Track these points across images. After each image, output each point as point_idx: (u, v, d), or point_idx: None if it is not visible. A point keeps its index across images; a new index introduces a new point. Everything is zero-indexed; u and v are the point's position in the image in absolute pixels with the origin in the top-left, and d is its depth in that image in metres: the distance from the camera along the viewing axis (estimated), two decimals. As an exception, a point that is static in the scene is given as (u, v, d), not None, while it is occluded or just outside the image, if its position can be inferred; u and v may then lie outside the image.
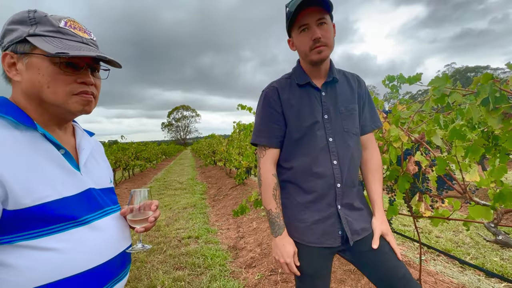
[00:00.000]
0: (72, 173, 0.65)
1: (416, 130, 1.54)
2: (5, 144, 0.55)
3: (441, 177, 1.27)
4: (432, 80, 1.20)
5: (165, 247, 3.05)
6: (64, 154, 0.65)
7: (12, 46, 0.61)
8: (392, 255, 0.98)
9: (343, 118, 1.02)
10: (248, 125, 4.29)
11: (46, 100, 0.62)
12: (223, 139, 8.83)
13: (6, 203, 0.52)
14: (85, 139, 0.76)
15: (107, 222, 0.69)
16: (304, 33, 0.95)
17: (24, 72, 0.61)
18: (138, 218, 0.74)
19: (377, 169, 1.09)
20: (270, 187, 1.01)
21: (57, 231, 0.57)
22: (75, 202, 0.62)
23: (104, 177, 0.79)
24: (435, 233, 3.00)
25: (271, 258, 2.48)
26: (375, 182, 1.08)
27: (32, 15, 0.62)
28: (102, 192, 0.73)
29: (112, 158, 7.16)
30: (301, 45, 0.97)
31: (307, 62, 1.01)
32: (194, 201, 5.44)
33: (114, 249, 0.68)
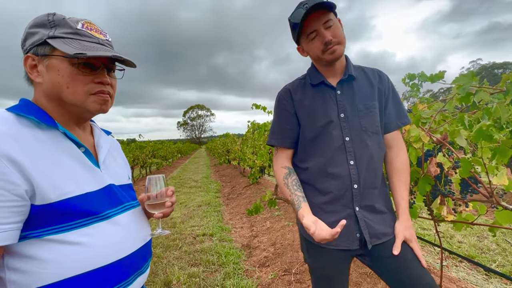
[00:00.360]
0: (93, 169, 0.67)
1: (438, 130, 1.48)
2: (30, 142, 0.57)
3: (465, 180, 1.21)
4: (457, 78, 1.14)
5: (180, 243, 3.12)
6: (84, 151, 0.67)
7: (33, 49, 0.63)
8: (416, 263, 0.93)
9: (361, 116, 0.98)
10: (263, 125, 4.28)
11: (66, 100, 0.64)
12: (237, 138, 8.88)
13: (34, 198, 0.55)
14: (103, 138, 0.78)
15: (128, 216, 0.71)
16: (314, 40, 0.94)
17: (44, 73, 0.63)
18: (156, 202, 0.77)
19: (402, 170, 1.03)
20: (281, 178, 1.03)
21: (81, 225, 0.59)
22: (96, 197, 0.64)
23: (122, 174, 0.81)
24: (457, 238, 2.87)
25: (284, 258, 2.48)
26: (400, 184, 1.01)
27: (52, 18, 0.64)
28: (121, 188, 0.75)
29: (130, 156, 7.41)
30: (313, 51, 0.97)
31: (322, 63, 1.00)
32: (208, 199, 5.52)
33: (136, 243, 0.71)
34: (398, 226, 0.98)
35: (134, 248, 0.69)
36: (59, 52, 0.62)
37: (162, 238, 3.30)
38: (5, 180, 0.51)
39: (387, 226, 0.98)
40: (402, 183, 1.02)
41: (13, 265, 0.54)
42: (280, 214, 3.82)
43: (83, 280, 0.58)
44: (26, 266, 0.54)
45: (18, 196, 0.53)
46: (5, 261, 0.54)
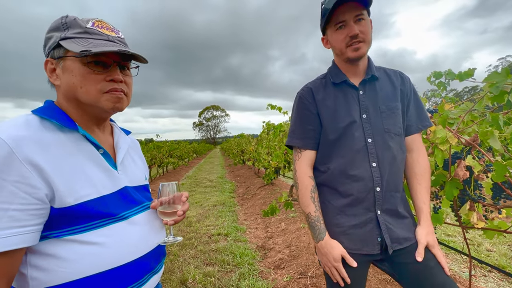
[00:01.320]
0: (110, 172, 0.68)
1: (466, 131, 1.39)
2: (51, 146, 0.58)
3: (498, 185, 1.13)
4: (489, 75, 1.07)
5: (196, 242, 3.15)
6: (102, 153, 0.68)
7: (51, 53, 0.65)
8: (439, 270, 0.88)
9: (384, 117, 0.95)
10: (278, 125, 4.25)
11: (82, 101, 0.65)
12: (252, 139, 8.90)
13: (53, 201, 0.56)
14: (122, 138, 0.79)
15: (143, 217, 0.72)
16: (341, 30, 0.91)
17: (61, 75, 0.64)
18: (168, 210, 0.76)
19: (423, 174, 0.99)
20: (308, 189, 0.97)
21: (98, 226, 0.61)
22: (112, 200, 0.65)
23: (139, 175, 0.81)
24: (486, 246, 2.70)
25: (300, 261, 2.44)
26: (420, 188, 0.98)
27: (64, 21, 0.65)
28: (136, 190, 0.76)
29: (148, 156, 7.62)
30: (337, 42, 0.93)
31: (343, 60, 0.97)
32: (223, 199, 5.56)
33: (150, 243, 0.71)
34: (420, 231, 0.94)
35: (149, 249, 0.70)
36: (71, 53, 0.62)
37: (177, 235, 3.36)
38: (27, 184, 0.52)
39: (408, 231, 0.95)
40: (423, 188, 0.98)
41: (35, 262, 0.56)
42: (296, 216, 3.77)
43: (99, 280, 0.59)
44: (47, 264, 0.56)
45: (38, 200, 0.54)
46: (28, 258, 0.56)
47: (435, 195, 1.37)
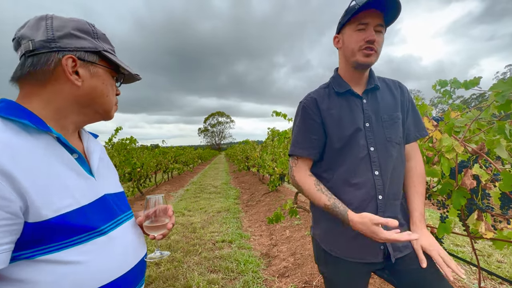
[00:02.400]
0: (87, 179, 0.62)
1: (473, 140, 1.38)
2: (22, 152, 0.51)
3: (507, 194, 1.12)
4: (495, 84, 1.07)
5: (200, 249, 3.15)
6: (77, 158, 0.62)
7: (80, 53, 0.62)
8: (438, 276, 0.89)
9: (386, 126, 0.97)
10: (283, 132, 4.27)
11: (101, 107, 0.68)
12: (256, 145, 8.91)
13: (27, 215, 0.49)
14: (92, 142, 0.74)
15: (125, 230, 0.67)
16: (360, 33, 0.91)
17: (88, 79, 0.64)
18: (156, 224, 0.73)
19: (420, 182, 1.02)
20: (312, 185, 0.97)
21: (78, 242, 0.55)
22: (92, 210, 0.60)
23: (115, 181, 0.76)
24: (496, 257, 2.63)
25: (305, 269, 2.41)
26: (417, 195, 1.00)
27: (94, 30, 0.66)
28: (116, 198, 0.71)
29: (154, 161, 7.68)
30: (352, 42, 0.93)
31: (351, 63, 0.97)
32: (228, 205, 5.55)
33: (134, 258, 0.67)
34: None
35: (134, 263, 0.66)
36: (104, 63, 0.67)
37: (182, 242, 3.36)
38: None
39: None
40: (420, 194, 1.01)
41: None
42: (300, 223, 3.74)
43: None
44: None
45: (11, 214, 0.47)
46: None
47: (442, 204, 1.36)
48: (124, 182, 5.81)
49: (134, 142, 6.17)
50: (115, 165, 5.17)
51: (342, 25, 0.97)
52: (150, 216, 0.74)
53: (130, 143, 6.08)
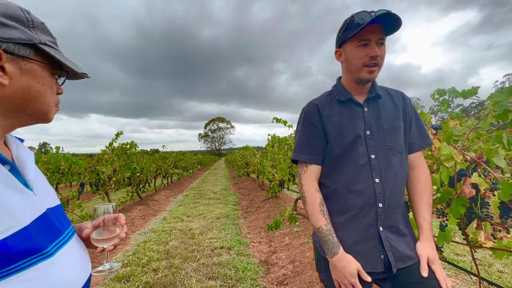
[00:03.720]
0: (26, 194, 0.53)
1: (472, 148, 1.39)
2: None
3: (506, 203, 1.12)
4: (492, 94, 1.08)
5: (198, 255, 3.12)
6: (10, 170, 0.53)
7: (7, 45, 0.51)
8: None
9: (387, 134, 0.98)
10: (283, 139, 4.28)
11: (36, 109, 0.57)
12: (256, 151, 8.92)
13: None
14: (22, 149, 0.62)
15: (71, 248, 0.60)
16: (362, 48, 0.92)
17: (17, 76, 0.53)
18: (105, 236, 0.68)
19: (424, 191, 1.01)
20: (316, 203, 0.97)
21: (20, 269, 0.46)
22: (35, 230, 0.51)
23: (53, 193, 0.66)
24: (497, 266, 2.60)
25: (304, 277, 2.38)
26: (421, 204, 0.99)
27: (30, 18, 0.55)
28: (57, 212, 0.62)
29: (154, 166, 7.68)
30: (355, 59, 0.94)
31: (353, 78, 0.99)
32: (227, 211, 5.52)
33: (82, 277, 0.60)
34: (420, 245, 0.95)
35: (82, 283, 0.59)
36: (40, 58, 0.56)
37: (181, 248, 3.34)
38: None
39: (410, 249, 0.94)
40: (424, 204, 1.00)
41: None
42: (300, 230, 3.72)
43: None
44: None
45: None
46: None
47: (441, 212, 1.36)
48: (124, 186, 5.79)
49: (134, 146, 6.18)
50: (115, 169, 5.17)
51: (342, 40, 0.97)
52: (99, 227, 0.68)
53: (130, 148, 6.09)
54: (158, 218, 5.16)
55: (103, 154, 5.07)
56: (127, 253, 3.23)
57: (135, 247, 3.44)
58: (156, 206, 6.14)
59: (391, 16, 0.86)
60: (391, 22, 0.89)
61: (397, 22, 0.89)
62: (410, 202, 1.05)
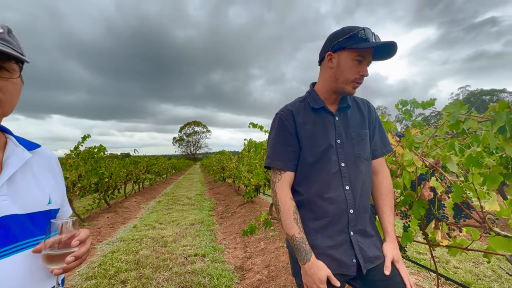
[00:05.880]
0: None
1: (431, 154, 1.52)
2: None
3: (458, 205, 1.23)
4: (446, 106, 1.20)
5: (171, 264, 3.01)
6: None
7: None
8: (403, 286, 0.94)
9: (355, 143, 1.03)
10: (259, 143, 4.32)
11: None
12: (233, 156, 8.88)
13: None
14: (17, 153, 0.63)
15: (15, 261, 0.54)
16: (356, 63, 0.94)
17: None
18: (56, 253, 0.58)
19: (387, 194, 1.08)
20: (290, 211, 0.96)
21: None
22: None
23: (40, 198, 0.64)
24: (453, 263, 2.84)
25: (279, 281, 2.40)
26: (386, 208, 1.06)
27: None
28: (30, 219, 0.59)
29: (124, 171, 7.29)
30: (349, 71, 0.95)
31: (336, 88, 1.00)
32: (202, 217, 5.41)
33: None
34: (386, 246, 1.02)
35: None
36: None
37: (152, 257, 3.19)
38: None
39: (377, 249, 1.00)
40: (388, 207, 1.07)
41: None
42: (275, 235, 3.75)
43: None
44: None
45: None
46: None
47: (404, 214, 1.46)
48: (90, 193, 5.42)
49: (103, 150, 5.83)
50: (80, 175, 4.83)
51: (340, 47, 0.95)
52: (53, 245, 0.58)
53: (98, 152, 5.73)
54: (128, 226, 4.90)
55: (67, 159, 4.72)
56: (92, 265, 3.02)
57: (102, 258, 3.23)
58: (126, 214, 5.82)
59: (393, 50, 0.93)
60: (387, 53, 0.95)
61: (389, 56, 0.96)
62: (375, 205, 1.11)
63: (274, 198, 1.01)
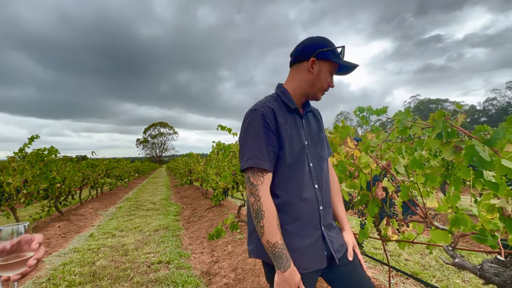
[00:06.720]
0: None
1: (384, 157, 1.67)
2: None
3: (406, 203, 1.37)
4: (396, 114, 1.33)
5: (132, 273, 2.83)
6: None
7: None
8: (361, 267, 1.07)
9: (317, 144, 1.11)
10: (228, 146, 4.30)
11: None
12: (200, 158, 8.69)
13: None
14: None
15: None
16: (330, 75, 1.05)
17: None
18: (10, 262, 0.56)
19: (338, 191, 1.22)
20: (274, 217, 0.92)
21: None
22: None
23: None
24: (404, 256, 3.12)
25: (245, 284, 2.41)
26: (339, 201, 1.19)
27: None
28: None
29: (80, 175, 6.70)
30: (324, 81, 1.04)
31: (308, 93, 1.07)
32: (167, 222, 5.19)
33: None
34: (347, 235, 1.14)
35: None
36: None
37: (111, 267, 2.97)
38: None
39: (341, 238, 1.11)
40: (340, 201, 1.21)
41: None
42: (242, 237, 3.75)
43: None
44: None
45: None
46: None
47: (361, 213, 1.57)
48: (38, 200, 4.87)
49: (54, 152, 5.30)
50: (26, 180, 4.32)
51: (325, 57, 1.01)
52: (4, 252, 0.56)
53: (49, 154, 5.19)
54: (83, 235, 4.50)
55: (10, 162, 4.19)
56: (39, 280, 2.72)
57: (51, 272, 2.92)
58: (81, 222, 5.35)
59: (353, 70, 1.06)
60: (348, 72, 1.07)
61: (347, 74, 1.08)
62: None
63: (257, 203, 0.92)
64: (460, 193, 1.21)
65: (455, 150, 1.07)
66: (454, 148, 1.08)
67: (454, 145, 1.08)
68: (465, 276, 2.56)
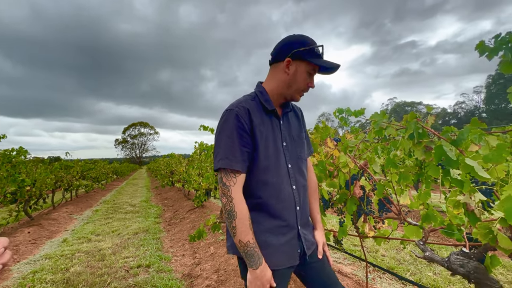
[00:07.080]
0: None
1: (362, 157, 1.73)
2: None
3: (381, 200, 1.43)
4: (372, 115, 1.39)
5: (109, 279, 2.72)
6: None
7: None
8: (328, 263, 1.12)
9: (296, 145, 1.11)
10: (210, 146, 4.26)
11: None
12: (182, 159, 8.53)
13: None
14: None
15: None
16: (308, 76, 1.03)
17: None
18: None
19: (315, 190, 1.24)
20: (247, 217, 0.93)
21: None
22: None
23: None
24: (381, 252, 3.25)
25: (228, 285, 2.40)
26: (314, 201, 1.22)
27: None
28: None
29: (52, 178, 6.33)
30: (301, 82, 1.02)
31: (286, 94, 1.06)
32: (147, 225, 5.04)
33: None
34: (318, 234, 1.17)
35: None
36: None
37: (86, 274, 2.84)
38: None
39: (313, 237, 1.14)
40: (315, 200, 1.23)
41: None
42: (225, 238, 3.73)
43: None
44: None
45: None
46: None
47: (340, 211, 1.62)
48: (5, 204, 4.55)
49: (23, 153, 4.97)
50: (-9, 183, 4.02)
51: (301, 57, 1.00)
52: None
53: (17, 155, 4.86)
54: (55, 240, 4.26)
55: (-27, 164, 3.88)
56: (6, 290, 2.54)
57: (19, 281, 2.73)
58: (53, 226, 5.05)
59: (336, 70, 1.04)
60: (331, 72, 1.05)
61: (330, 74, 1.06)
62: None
63: (229, 203, 0.93)
64: (431, 191, 1.29)
65: (426, 150, 1.14)
66: (425, 148, 1.15)
67: (424, 145, 1.14)
68: (436, 269, 2.71)
